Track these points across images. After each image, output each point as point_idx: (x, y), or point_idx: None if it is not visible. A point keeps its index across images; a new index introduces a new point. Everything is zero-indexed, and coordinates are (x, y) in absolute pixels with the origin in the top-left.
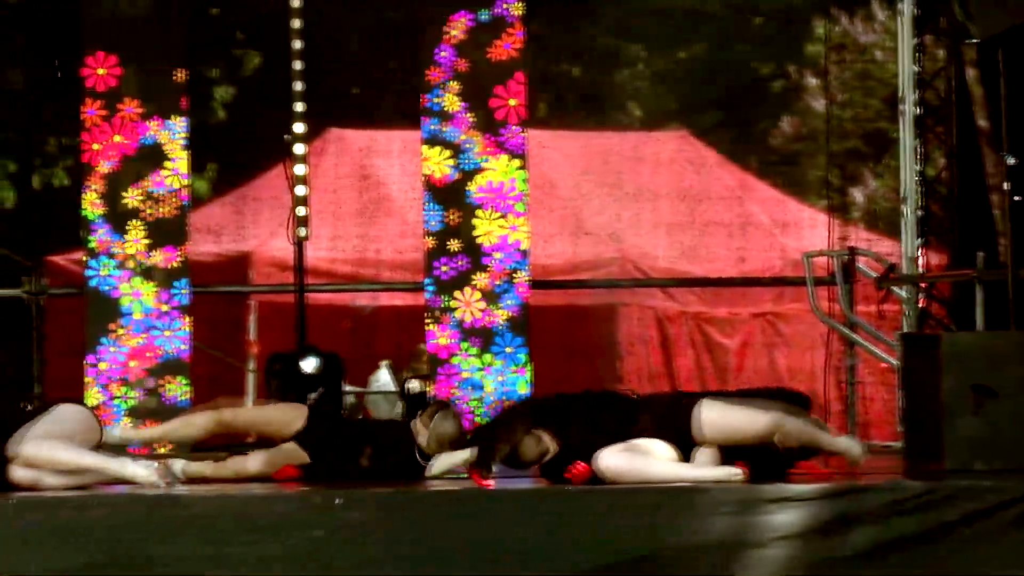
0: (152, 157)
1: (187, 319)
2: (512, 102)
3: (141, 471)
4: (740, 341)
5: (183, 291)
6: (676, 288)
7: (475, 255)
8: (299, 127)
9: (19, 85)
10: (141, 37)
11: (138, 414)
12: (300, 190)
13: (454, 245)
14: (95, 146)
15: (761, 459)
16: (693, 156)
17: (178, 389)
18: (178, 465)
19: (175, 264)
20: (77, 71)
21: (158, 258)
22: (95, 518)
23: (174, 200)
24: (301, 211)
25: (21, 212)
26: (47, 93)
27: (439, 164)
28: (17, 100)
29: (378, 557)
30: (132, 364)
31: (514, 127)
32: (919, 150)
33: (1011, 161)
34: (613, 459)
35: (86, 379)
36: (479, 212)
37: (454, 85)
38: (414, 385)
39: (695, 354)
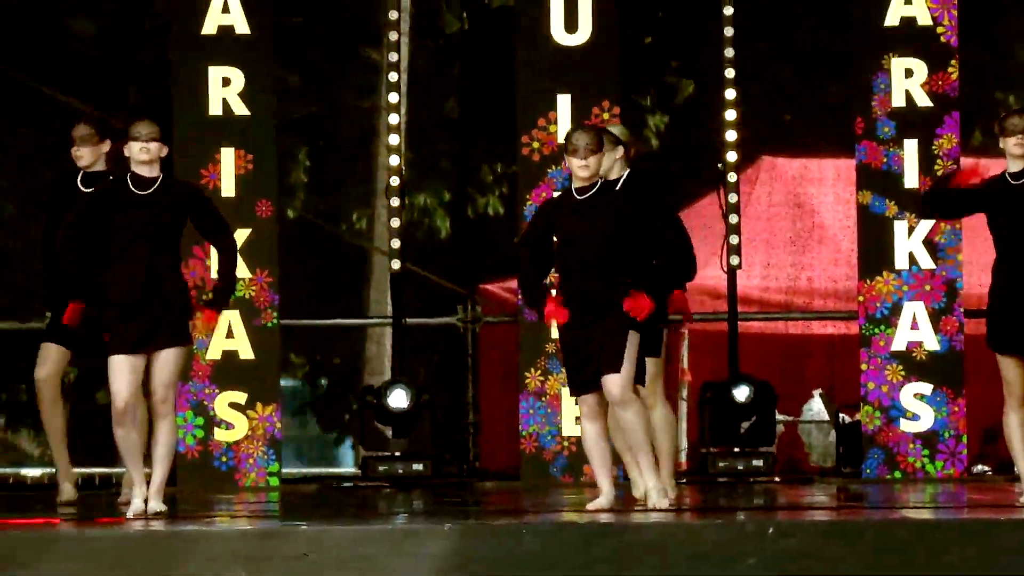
0: None
1: None
2: (947, 140)
3: None
4: None
5: None
6: None
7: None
8: (731, 155)
9: (454, 114)
10: (576, 66)
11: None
12: (733, 218)
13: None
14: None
15: None
16: None
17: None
18: None
19: None
20: (511, 100)
21: None
22: (538, 546)
23: None
24: (734, 239)
25: (455, 241)
26: (482, 122)
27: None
28: (453, 129)
29: None
30: (563, 391)
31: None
32: None
33: None
34: None
35: (521, 406)
36: None
37: (891, 115)
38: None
39: None
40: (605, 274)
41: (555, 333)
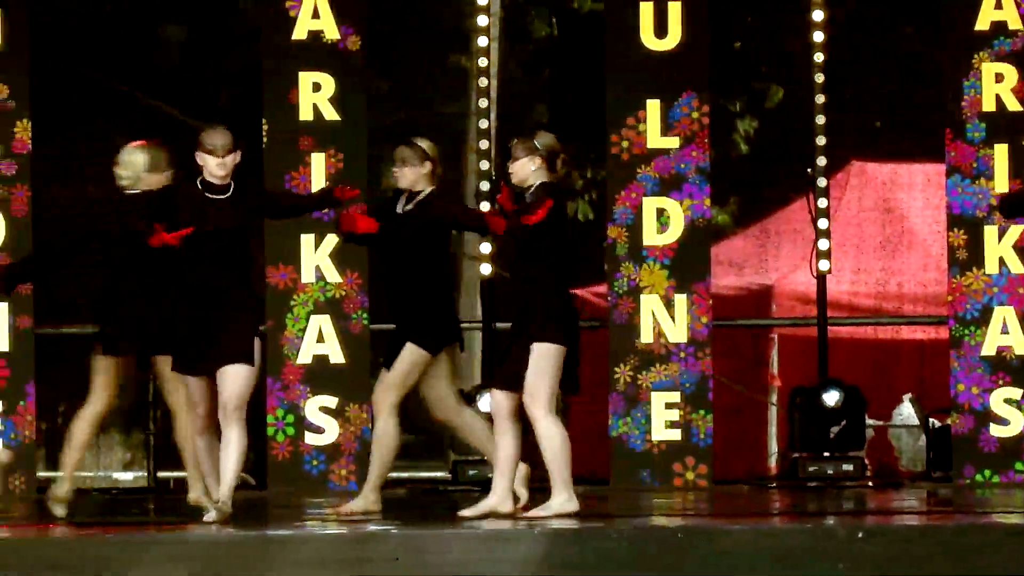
0: (676, 189)
1: (708, 351)
2: None
3: None
4: None
5: (705, 324)
6: None
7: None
8: (821, 160)
9: (544, 119)
10: (665, 71)
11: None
12: (822, 223)
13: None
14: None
15: None
16: None
17: (700, 422)
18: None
19: (696, 297)
20: (601, 105)
21: (681, 292)
22: (626, 549)
23: (698, 234)
24: (823, 244)
25: None
26: (571, 127)
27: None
28: None
29: None
30: (653, 395)
31: None
32: None
33: None
34: None
35: (610, 410)
36: None
37: (981, 119)
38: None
39: None
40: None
41: (645, 337)
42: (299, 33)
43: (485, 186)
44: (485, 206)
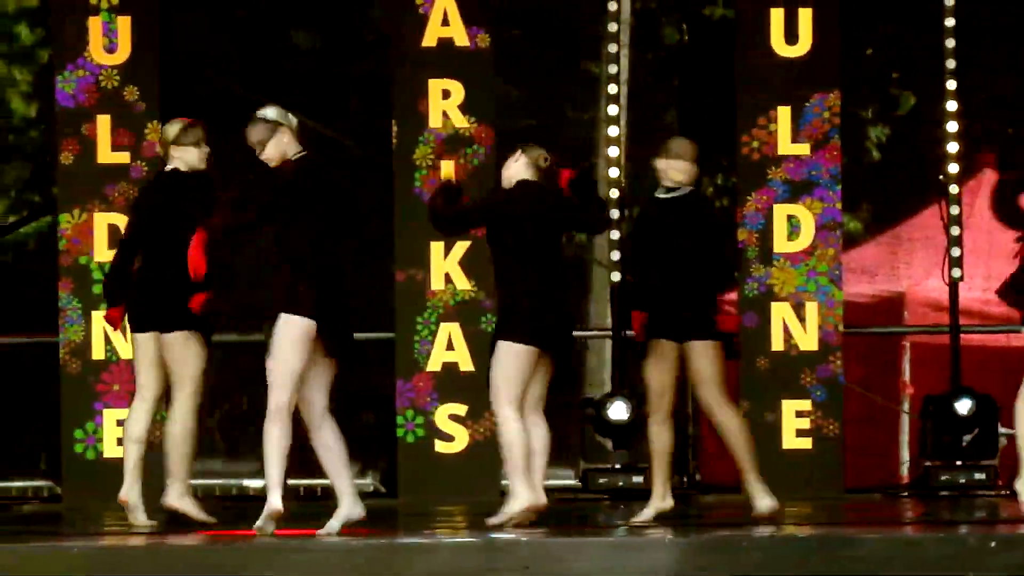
0: (807, 194)
1: (839, 358)
2: None
3: None
4: None
5: (835, 329)
6: None
7: None
8: (953, 168)
9: (674, 126)
10: (795, 78)
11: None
12: (954, 230)
13: None
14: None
15: None
16: None
17: (831, 427)
18: None
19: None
20: (731, 112)
21: (811, 298)
22: (759, 559)
23: (829, 240)
24: (955, 251)
25: None
26: (701, 134)
27: None
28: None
29: None
30: (783, 402)
31: None
32: None
33: None
34: None
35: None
36: None
37: None
38: None
39: None
40: None
41: (776, 343)
42: (429, 40)
43: (615, 193)
44: (615, 213)
